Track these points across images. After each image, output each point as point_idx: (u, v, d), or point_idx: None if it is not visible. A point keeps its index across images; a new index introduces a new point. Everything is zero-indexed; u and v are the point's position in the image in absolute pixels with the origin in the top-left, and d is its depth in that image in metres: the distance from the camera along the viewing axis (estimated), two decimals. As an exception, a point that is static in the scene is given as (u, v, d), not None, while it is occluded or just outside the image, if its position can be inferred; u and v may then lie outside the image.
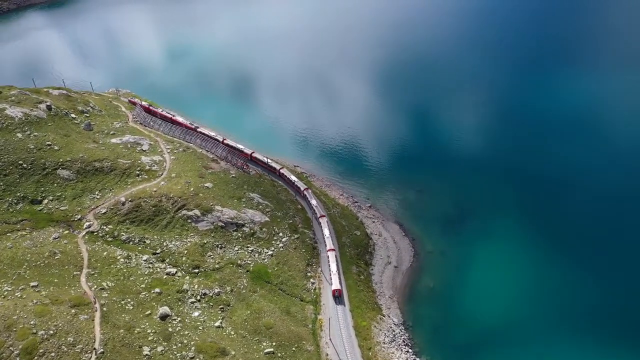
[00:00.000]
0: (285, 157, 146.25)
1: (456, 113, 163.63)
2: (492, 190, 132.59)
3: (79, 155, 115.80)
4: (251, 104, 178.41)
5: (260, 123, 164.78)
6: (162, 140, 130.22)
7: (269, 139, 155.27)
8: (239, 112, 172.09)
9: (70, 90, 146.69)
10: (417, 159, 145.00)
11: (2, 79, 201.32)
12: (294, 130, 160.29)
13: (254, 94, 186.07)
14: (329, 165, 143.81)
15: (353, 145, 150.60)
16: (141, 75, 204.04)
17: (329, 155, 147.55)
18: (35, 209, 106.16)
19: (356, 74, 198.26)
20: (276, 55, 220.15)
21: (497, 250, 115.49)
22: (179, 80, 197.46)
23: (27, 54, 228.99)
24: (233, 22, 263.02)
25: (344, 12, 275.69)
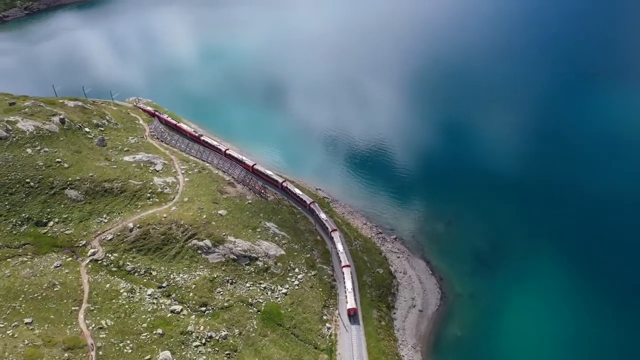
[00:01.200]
0: (308, 178, 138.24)
1: (491, 133, 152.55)
2: (530, 223, 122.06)
3: (89, 175, 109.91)
4: (277, 116, 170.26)
5: (285, 139, 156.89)
6: (177, 159, 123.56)
7: (292, 157, 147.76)
8: (263, 125, 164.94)
9: (87, 100, 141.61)
10: (447, 185, 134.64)
11: (26, 82, 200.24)
12: (318, 149, 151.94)
13: (280, 105, 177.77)
14: (353, 190, 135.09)
15: (379, 168, 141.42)
16: (166, 82, 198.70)
17: (354, 178, 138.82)
18: (39, 231, 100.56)
19: (385, 86, 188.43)
20: (306, 62, 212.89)
21: (534, 294, 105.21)
22: (204, 89, 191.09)
23: (52, 57, 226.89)
24: (264, 26, 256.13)
25: (376, 16, 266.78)
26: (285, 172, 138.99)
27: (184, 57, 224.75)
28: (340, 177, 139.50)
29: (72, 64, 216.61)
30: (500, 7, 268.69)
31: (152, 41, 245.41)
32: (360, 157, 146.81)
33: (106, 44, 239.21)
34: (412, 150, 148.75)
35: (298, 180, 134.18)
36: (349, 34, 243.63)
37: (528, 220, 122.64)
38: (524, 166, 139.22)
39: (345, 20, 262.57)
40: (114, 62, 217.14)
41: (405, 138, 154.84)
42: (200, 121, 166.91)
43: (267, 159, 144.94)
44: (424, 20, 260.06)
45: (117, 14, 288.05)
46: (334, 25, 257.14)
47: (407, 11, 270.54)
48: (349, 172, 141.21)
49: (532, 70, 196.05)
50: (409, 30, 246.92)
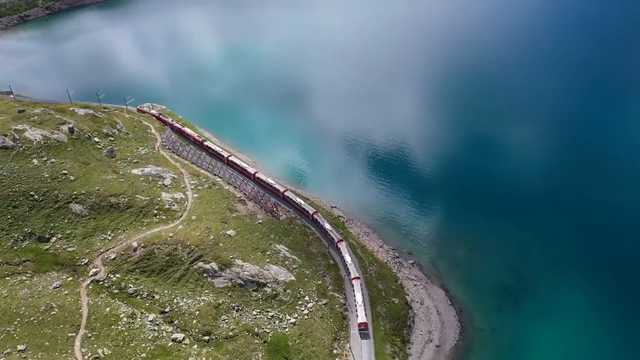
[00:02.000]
0: (323, 195, 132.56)
1: (518, 149, 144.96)
2: (559, 251, 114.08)
3: (95, 188, 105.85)
4: (294, 126, 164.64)
5: (301, 152, 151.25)
6: (187, 173, 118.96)
7: (307, 172, 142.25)
8: (280, 136, 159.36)
9: (99, 107, 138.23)
10: (469, 206, 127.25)
11: (43, 83, 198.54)
12: (335, 163, 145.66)
13: (298, 113, 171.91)
14: (369, 208, 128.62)
15: (398, 186, 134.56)
16: (182, 87, 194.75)
17: (370, 196, 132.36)
18: (41, 248, 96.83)
19: (407, 95, 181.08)
20: (326, 67, 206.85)
21: (562, 330, 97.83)
22: (221, 95, 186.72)
23: (70, 58, 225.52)
24: (285, 29, 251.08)
25: (401, 17, 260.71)
26: (299, 187, 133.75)
27: (202, 61, 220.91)
28: (356, 194, 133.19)
29: (89, 66, 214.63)
30: (531, 7, 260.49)
31: (171, 44, 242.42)
32: (377, 173, 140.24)
33: (124, 46, 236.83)
34: (433, 167, 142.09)
35: (313, 197, 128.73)
36: (372, 37, 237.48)
37: (557, 248, 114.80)
38: (553, 187, 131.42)
39: (368, 23, 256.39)
40: (130, 65, 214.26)
41: (426, 153, 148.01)
42: (214, 129, 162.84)
43: (282, 174, 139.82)
44: (449, 21, 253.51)
45: (137, 14, 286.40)
46: (356, 28, 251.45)
47: (432, 13, 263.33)
48: (365, 189, 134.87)
49: (565, 79, 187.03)
50: (434, 34, 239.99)
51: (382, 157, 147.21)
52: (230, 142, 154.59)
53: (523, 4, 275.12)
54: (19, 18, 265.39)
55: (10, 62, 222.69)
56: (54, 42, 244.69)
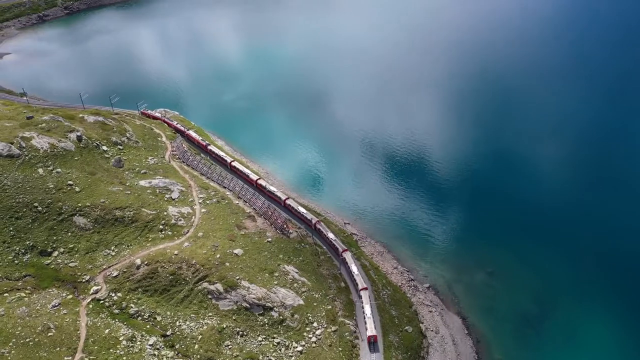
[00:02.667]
0: (337, 210, 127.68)
1: (546, 168, 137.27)
2: (587, 279, 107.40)
3: (100, 201, 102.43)
4: (309, 136, 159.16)
5: (317, 164, 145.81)
6: (196, 185, 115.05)
7: (322, 184, 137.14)
8: (295, 146, 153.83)
9: (109, 114, 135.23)
10: (491, 227, 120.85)
11: (58, 85, 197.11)
12: (350, 177, 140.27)
13: (314, 122, 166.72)
14: (384, 226, 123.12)
15: (415, 202, 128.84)
16: (199, 92, 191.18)
17: (386, 213, 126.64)
18: (42, 262, 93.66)
19: (429, 105, 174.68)
20: (345, 74, 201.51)
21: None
22: (238, 101, 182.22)
23: (86, 60, 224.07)
24: (306, 33, 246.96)
25: (430, 20, 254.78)
26: (313, 201, 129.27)
27: (219, 64, 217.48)
28: (371, 210, 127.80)
29: (104, 68, 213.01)
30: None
31: (188, 47, 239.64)
32: (394, 188, 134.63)
33: (141, 48, 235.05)
34: (453, 182, 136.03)
35: (327, 213, 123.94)
36: (396, 41, 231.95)
37: (583, 274, 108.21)
38: (582, 209, 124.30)
39: (392, 28, 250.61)
40: (146, 68, 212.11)
41: (446, 167, 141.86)
42: (228, 137, 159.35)
43: (295, 186, 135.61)
44: (478, 25, 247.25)
45: (155, 16, 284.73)
46: (379, 31, 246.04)
47: (461, 16, 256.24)
48: (381, 205, 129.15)
49: (600, 90, 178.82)
50: (460, 37, 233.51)
51: (399, 171, 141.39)
52: (243, 152, 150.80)
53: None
54: (37, 17, 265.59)
55: (28, 62, 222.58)
56: (71, 42, 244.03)
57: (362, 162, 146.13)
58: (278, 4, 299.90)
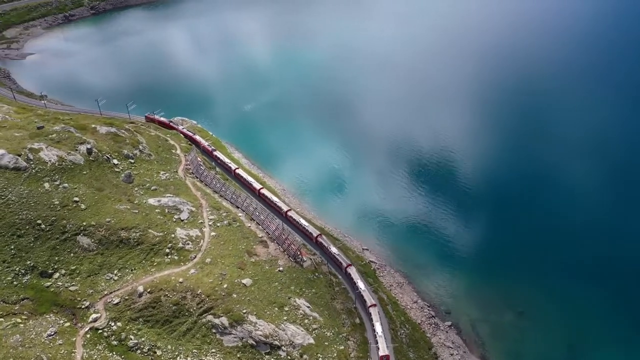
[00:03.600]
0: (355, 233, 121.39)
1: (588, 191, 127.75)
2: (628, 324, 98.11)
3: (106, 220, 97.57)
4: (332, 151, 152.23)
5: (335, 183, 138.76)
6: (207, 205, 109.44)
7: (341, 205, 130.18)
8: (315, 163, 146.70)
9: (123, 124, 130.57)
10: (523, 261, 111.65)
11: (78, 88, 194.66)
12: (373, 195, 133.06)
13: (337, 136, 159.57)
14: (405, 253, 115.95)
15: (440, 229, 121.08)
16: (218, 100, 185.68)
17: (408, 239, 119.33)
18: (42, 284, 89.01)
19: (460, 117, 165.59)
20: (373, 81, 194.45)
21: None
22: (258, 111, 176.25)
23: (108, 62, 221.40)
24: (335, 37, 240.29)
25: (465, 23, 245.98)
26: (329, 223, 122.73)
27: (243, 70, 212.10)
28: (392, 235, 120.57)
29: (125, 71, 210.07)
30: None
31: (211, 50, 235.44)
32: (418, 211, 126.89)
33: (164, 50, 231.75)
34: (483, 208, 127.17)
35: (344, 237, 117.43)
36: (428, 44, 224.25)
37: (625, 319, 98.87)
38: (632, 244, 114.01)
39: (424, 32, 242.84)
40: (167, 72, 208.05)
41: (476, 191, 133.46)
42: (246, 149, 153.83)
43: (313, 206, 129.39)
44: (513, 27, 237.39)
45: (181, 17, 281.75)
46: (411, 36, 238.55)
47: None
48: (402, 230, 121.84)
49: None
50: (495, 42, 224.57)
51: (424, 191, 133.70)
52: (261, 166, 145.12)
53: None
54: (63, 17, 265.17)
55: (51, 63, 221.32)
56: (95, 44, 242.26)
57: (385, 180, 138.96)
58: (306, 6, 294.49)
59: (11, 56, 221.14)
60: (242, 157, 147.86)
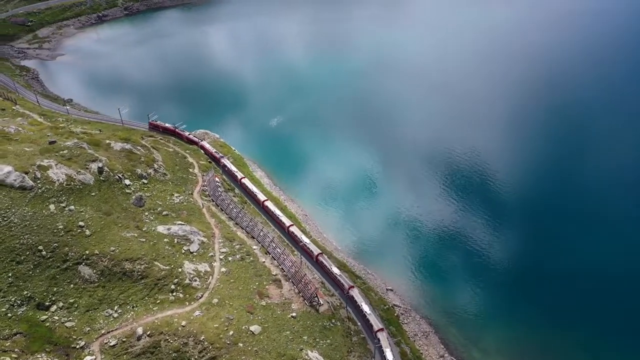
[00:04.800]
0: (378, 269, 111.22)
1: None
2: None
3: (110, 249, 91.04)
4: (364, 169, 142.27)
5: (362, 209, 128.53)
6: (220, 234, 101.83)
7: (365, 236, 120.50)
8: (344, 184, 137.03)
9: (141, 139, 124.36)
10: (572, 314, 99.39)
11: (103, 92, 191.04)
12: (403, 229, 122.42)
13: (370, 153, 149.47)
14: (435, 296, 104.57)
15: (475, 268, 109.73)
16: (246, 111, 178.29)
17: (438, 279, 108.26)
18: (37, 318, 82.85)
19: (503, 142, 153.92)
20: (415, 96, 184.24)
21: None
22: (287, 125, 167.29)
23: (135, 66, 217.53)
24: (379, 45, 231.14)
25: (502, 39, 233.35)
26: (350, 257, 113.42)
27: (276, 80, 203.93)
28: (420, 274, 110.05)
29: (152, 76, 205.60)
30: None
31: (243, 57, 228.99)
32: (451, 250, 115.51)
33: (193, 55, 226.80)
34: (526, 249, 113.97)
35: (367, 274, 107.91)
36: (471, 52, 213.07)
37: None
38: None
39: (468, 36, 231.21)
40: (194, 79, 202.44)
41: (519, 226, 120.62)
42: (270, 167, 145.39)
43: (337, 234, 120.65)
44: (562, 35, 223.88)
45: (214, 21, 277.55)
46: (455, 41, 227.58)
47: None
48: (433, 268, 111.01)
49: None
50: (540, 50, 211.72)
51: (459, 228, 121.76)
52: (284, 187, 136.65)
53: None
54: (97, 17, 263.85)
55: (80, 65, 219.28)
56: (126, 46, 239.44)
57: (417, 212, 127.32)
58: (344, 12, 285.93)
59: (42, 56, 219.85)
60: (265, 175, 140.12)
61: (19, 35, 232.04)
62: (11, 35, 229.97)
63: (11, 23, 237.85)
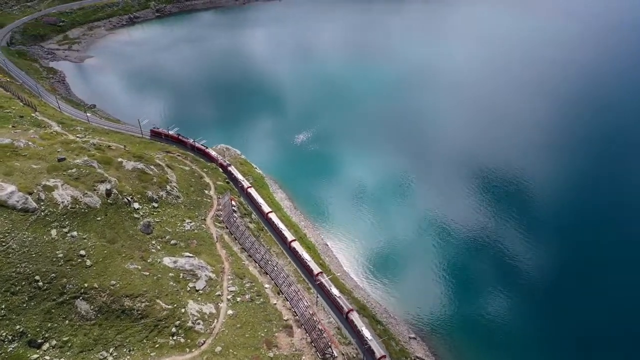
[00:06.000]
0: (403, 314, 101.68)
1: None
2: None
3: (111, 283, 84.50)
4: (397, 201, 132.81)
5: (393, 244, 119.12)
6: (230, 270, 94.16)
7: (396, 274, 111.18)
8: (371, 210, 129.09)
9: (156, 156, 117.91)
10: None
11: (127, 98, 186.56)
12: (436, 266, 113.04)
13: (410, 180, 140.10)
14: (462, 348, 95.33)
15: (512, 319, 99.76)
16: (273, 126, 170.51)
17: (467, 328, 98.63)
18: (28, 357, 76.72)
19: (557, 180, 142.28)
20: (461, 115, 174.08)
21: None
22: (315, 141, 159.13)
23: (162, 71, 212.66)
24: (422, 56, 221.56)
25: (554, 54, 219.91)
26: (372, 296, 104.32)
27: (308, 92, 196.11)
28: (449, 322, 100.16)
29: (178, 83, 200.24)
30: None
31: (274, 65, 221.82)
32: (491, 296, 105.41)
33: (222, 61, 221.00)
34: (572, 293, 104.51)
35: (387, 316, 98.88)
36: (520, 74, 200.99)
37: None
38: None
39: (518, 51, 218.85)
40: (221, 88, 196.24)
41: (569, 269, 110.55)
42: (293, 189, 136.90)
43: (355, 273, 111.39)
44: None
45: (246, 25, 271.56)
46: (503, 64, 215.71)
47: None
48: (466, 318, 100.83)
49: None
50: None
51: (502, 270, 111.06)
52: (306, 212, 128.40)
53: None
54: (128, 19, 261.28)
55: (108, 68, 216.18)
56: (154, 49, 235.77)
57: (452, 250, 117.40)
58: (384, 21, 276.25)
59: (70, 58, 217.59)
60: (286, 198, 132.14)
61: (49, 36, 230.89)
62: (42, 36, 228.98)
63: (43, 23, 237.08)
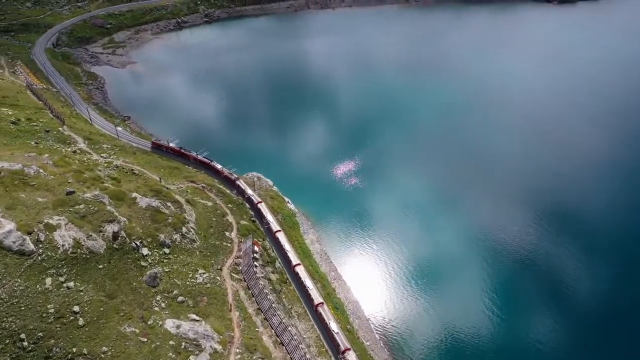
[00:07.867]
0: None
1: None
2: None
3: (102, 349, 73.88)
4: (442, 247, 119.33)
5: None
6: (239, 340, 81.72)
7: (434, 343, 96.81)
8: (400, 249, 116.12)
9: (172, 193, 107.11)
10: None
11: (167, 110, 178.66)
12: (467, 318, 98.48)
13: (457, 223, 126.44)
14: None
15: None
16: (314, 151, 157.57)
17: None
18: None
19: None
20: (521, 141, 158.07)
21: None
22: (362, 172, 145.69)
23: (203, 81, 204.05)
24: (484, 75, 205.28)
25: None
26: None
27: (357, 112, 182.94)
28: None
29: (216, 98, 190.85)
30: None
31: (322, 81, 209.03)
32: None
33: (267, 75, 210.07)
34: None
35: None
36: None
37: None
38: None
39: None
40: (262, 107, 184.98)
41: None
42: (326, 229, 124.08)
43: (387, 340, 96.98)
44: None
45: (295, 34, 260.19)
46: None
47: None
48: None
49: None
50: None
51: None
52: (338, 260, 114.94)
53: None
54: (175, 23, 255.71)
55: (149, 76, 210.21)
56: (199, 57, 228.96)
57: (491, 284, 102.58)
58: (447, 33, 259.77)
59: (113, 63, 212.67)
60: (316, 240, 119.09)
61: (95, 39, 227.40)
62: (88, 38, 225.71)
63: (91, 25, 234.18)
